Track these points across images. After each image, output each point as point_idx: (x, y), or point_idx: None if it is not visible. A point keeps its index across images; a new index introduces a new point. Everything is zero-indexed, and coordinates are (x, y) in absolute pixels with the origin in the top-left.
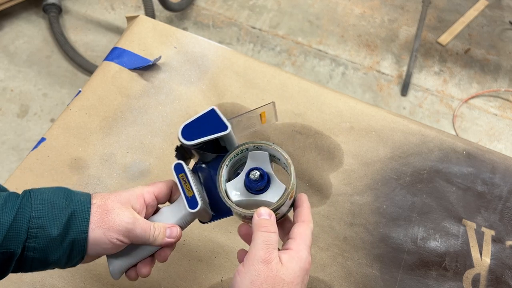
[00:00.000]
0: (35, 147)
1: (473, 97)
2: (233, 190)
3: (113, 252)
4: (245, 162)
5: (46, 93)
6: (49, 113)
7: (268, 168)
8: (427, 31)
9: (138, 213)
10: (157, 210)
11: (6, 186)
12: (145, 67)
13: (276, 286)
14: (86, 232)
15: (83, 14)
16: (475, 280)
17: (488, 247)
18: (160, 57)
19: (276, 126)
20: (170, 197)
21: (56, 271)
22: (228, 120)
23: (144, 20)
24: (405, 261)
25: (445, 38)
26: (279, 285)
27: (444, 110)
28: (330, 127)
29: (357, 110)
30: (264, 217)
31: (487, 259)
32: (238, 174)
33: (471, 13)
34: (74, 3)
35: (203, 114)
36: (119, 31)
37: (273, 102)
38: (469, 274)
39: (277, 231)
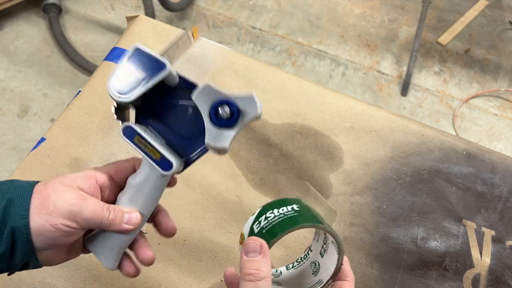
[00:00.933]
0: (35, 147)
1: (473, 97)
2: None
3: (67, 241)
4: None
5: (46, 93)
6: (49, 113)
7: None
8: (427, 31)
9: (89, 195)
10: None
11: None
12: None
13: None
14: (25, 217)
15: (83, 14)
16: (475, 280)
17: (488, 247)
18: None
19: (276, 126)
20: None
21: (56, 271)
22: (161, 55)
23: (144, 20)
24: (405, 261)
25: (445, 38)
26: None
27: (444, 110)
28: (330, 127)
29: (357, 110)
30: (253, 256)
31: (487, 259)
32: None
33: (471, 13)
34: (74, 3)
35: (129, 58)
36: (119, 31)
37: (204, 14)
38: (469, 274)
39: (270, 271)
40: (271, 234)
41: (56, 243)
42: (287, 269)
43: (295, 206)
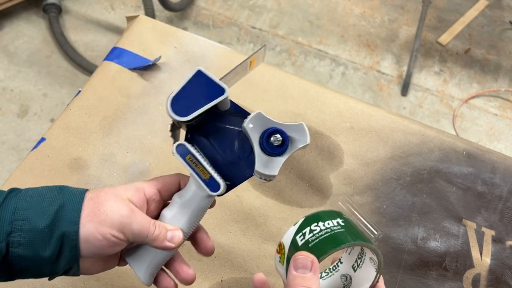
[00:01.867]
0: (35, 147)
1: (473, 97)
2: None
3: (111, 251)
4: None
5: (46, 93)
6: (49, 113)
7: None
8: (427, 31)
9: (137, 207)
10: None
11: (6, 186)
12: (145, 67)
13: None
14: (77, 223)
15: (83, 14)
16: (475, 280)
17: (488, 247)
18: (160, 57)
19: None
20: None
21: None
22: (220, 79)
23: (144, 20)
24: (405, 261)
25: (445, 38)
26: None
27: (444, 110)
28: (330, 127)
29: (357, 110)
30: (302, 272)
31: (487, 259)
32: None
33: (471, 13)
34: (74, 3)
35: (190, 80)
36: (119, 31)
37: (265, 46)
38: (469, 274)
39: (318, 286)
40: (320, 250)
41: (100, 252)
42: (321, 278)
43: (340, 221)
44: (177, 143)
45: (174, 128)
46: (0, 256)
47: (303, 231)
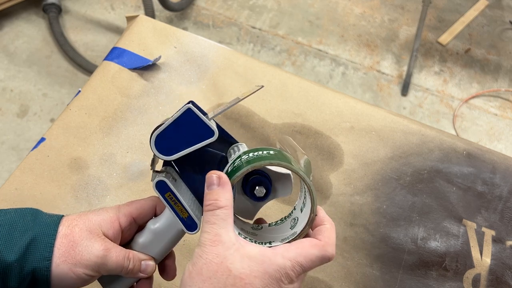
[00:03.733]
0: (35, 147)
1: (473, 97)
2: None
3: (84, 285)
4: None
5: (46, 93)
6: (49, 113)
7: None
8: (427, 31)
9: (112, 240)
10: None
11: (6, 186)
12: (145, 67)
13: (218, 278)
14: (49, 259)
15: (83, 14)
16: (476, 280)
17: (488, 247)
18: (160, 57)
19: (276, 126)
20: (155, 215)
21: None
22: (209, 118)
23: (144, 20)
24: (405, 261)
25: (445, 38)
26: (222, 277)
27: (444, 110)
28: (330, 127)
29: (357, 110)
30: (211, 188)
31: (487, 259)
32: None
33: (471, 13)
34: (74, 3)
35: (178, 117)
36: (119, 31)
37: (263, 86)
38: (469, 274)
39: (229, 201)
40: (237, 169)
41: (72, 287)
42: (269, 226)
43: (271, 151)
44: (157, 179)
45: (155, 161)
46: None
47: (235, 162)
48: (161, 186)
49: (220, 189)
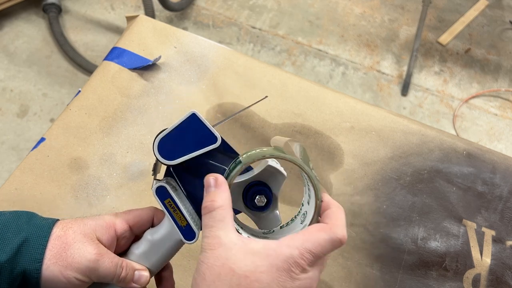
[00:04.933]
0: (35, 147)
1: (473, 97)
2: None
3: None
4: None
5: (46, 93)
6: (49, 113)
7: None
8: (427, 31)
9: (106, 246)
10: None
11: (6, 186)
12: (145, 67)
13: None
14: (40, 261)
15: (83, 14)
16: (476, 280)
17: (488, 247)
18: (160, 57)
19: (276, 126)
20: (152, 225)
21: None
22: (214, 126)
23: (144, 20)
24: (406, 261)
25: (445, 38)
26: (225, 278)
27: (444, 110)
28: (330, 127)
29: (357, 110)
30: (208, 190)
31: (487, 259)
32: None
33: (471, 13)
34: (74, 3)
35: (182, 122)
36: (119, 31)
37: (266, 96)
38: (469, 274)
39: (226, 201)
40: (232, 169)
41: None
42: (281, 228)
43: (264, 148)
44: (157, 184)
45: (157, 166)
46: None
47: (232, 164)
48: (161, 192)
49: (216, 190)
